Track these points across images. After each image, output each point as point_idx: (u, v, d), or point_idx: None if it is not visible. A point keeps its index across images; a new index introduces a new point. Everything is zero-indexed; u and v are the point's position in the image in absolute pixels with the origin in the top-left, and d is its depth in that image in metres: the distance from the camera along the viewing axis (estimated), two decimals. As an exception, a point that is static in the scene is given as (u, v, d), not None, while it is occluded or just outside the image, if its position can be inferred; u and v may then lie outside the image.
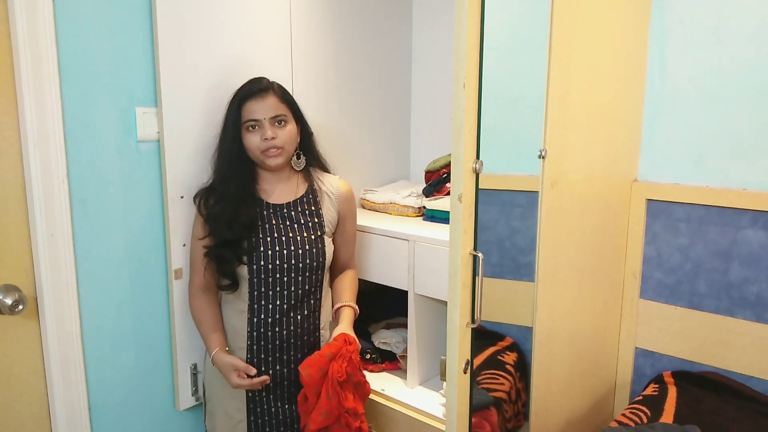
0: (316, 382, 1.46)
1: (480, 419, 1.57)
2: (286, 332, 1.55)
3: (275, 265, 1.52)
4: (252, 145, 1.52)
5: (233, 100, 1.53)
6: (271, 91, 1.52)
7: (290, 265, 1.53)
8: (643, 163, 1.96)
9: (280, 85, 1.57)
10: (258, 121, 1.50)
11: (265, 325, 1.54)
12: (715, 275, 1.84)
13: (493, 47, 1.14)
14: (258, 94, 1.50)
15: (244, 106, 1.51)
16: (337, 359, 1.48)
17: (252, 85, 1.52)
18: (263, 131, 1.50)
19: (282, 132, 1.52)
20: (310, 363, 1.47)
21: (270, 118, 1.50)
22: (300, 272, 1.55)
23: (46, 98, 1.36)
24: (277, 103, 1.52)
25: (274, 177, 1.60)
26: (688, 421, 1.63)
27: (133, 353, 1.60)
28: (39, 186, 1.37)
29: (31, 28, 1.32)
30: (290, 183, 1.62)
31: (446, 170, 1.93)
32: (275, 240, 1.53)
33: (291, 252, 1.54)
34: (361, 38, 2.14)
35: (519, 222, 1.79)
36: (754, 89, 1.73)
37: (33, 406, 1.46)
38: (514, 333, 1.88)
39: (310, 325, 1.59)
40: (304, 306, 1.58)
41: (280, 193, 1.60)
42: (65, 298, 1.44)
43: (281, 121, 1.52)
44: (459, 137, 1.10)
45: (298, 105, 1.59)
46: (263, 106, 1.50)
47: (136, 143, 1.54)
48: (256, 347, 1.54)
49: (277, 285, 1.53)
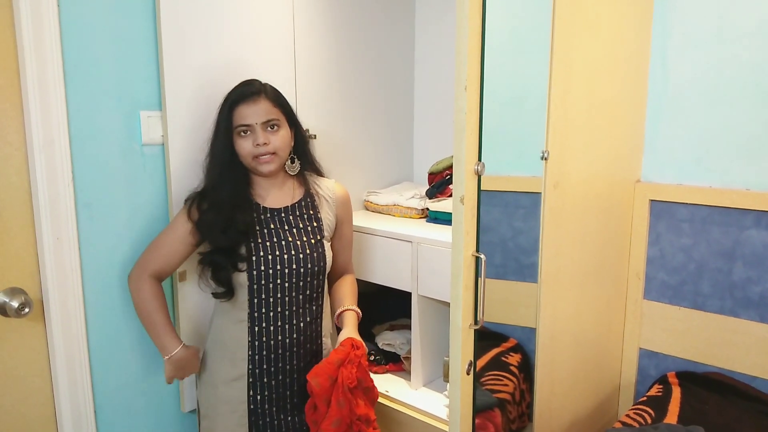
0: (325, 391, 1.40)
1: (484, 420, 1.57)
2: (288, 340, 1.51)
3: (275, 270, 1.48)
4: (244, 150, 1.47)
5: (224, 104, 1.48)
6: (263, 95, 1.47)
7: (291, 270, 1.49)
8: (646, 164, 1.96)
9: (273, 87, 1.52)
10: (250, 126, 1.45)
11: (267, 334, 1.49)
12: (719, 275, 1.84)
13: (494, 48, 1.14)
14: (249, 98, 1.45)
15: (235, 111, 1.46)
16: (345, 365, 1.42)
17: (243, 89, 1.48)
18: (255, 137, 1.45)
19: (275, 137, 1.47)
20: (318, 372, 1.42)
21: (262, 123, 1.45)
22: (301, 277, 1.51)
23: (51, 102, 1.37)
24: (270, 107, 1.47)
25: (267, 182, 1.55)
26: (693, 422, 1.63)
27: (139, 355, 1.61)
28: (44, 189, 1.38)
29: (36, 33, 1.33)
30: (285, 188, 1.58)
31: (449, 172, 1.93)
32: (274, 245, 1.49)
33: (291, 256, 1.50)
34: (364, 41, 2.14)
35: (522, 223, 1.80)
36: (757, 89, 1.72)
37: (39, 409, 1.47)
38: (518, 334, 1.88)
39: (312, 332, 1.56)
40: (306, 312, 1.54)
41: (276, 198, 1.56)
42: (71, 301, 1.45)
43: (274, 125, 1.47)
44: (461, 139, 1.10)
45: (291, 108, 1.55)
46: (255, 111, 1.45)
47: (141, 147, 1.55)
48: (258, 357, 1.49)
49: (278, 291, 1.49)
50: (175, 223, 1.49)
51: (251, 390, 1.50)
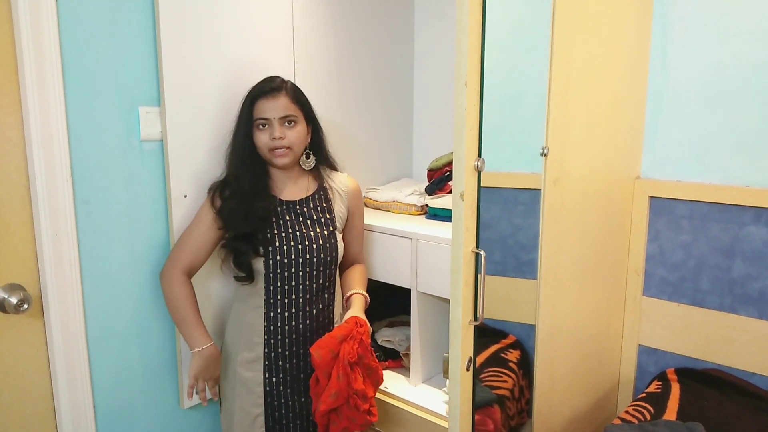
0: (326, 363, 1.48)
1: (483, 417, 1.57)
2: (302, 326, 1.59)
3: (291, 259, 1.55)
4: (261, 143, 1.55)
5: (246, 98, 1.56)
6: (283, 91, 1.55)
7: (305, 259, 1.57)
8: (646, 160, 1.96)
9: (293, 84, 1.60)
10: (268, 120, 1.53)
11: (282, 320, 1.57)
12: (718, 272, 1.84)
13: (494, 44, 1.14)
14: (270, 93, 1.53)
15: (255, 105, 1.54)
16: (348, 341, 1.50)
17: (265, 84, 1.56)
18: (272, 130, 1.53)
19: (291, 132, 1.55)
20: (320, 345, 1.50)
21: (279, 117, 1.53)
22: (315, 267, 1.59)
23: (49, 98, 1.36)
24: (288, 103, 1.55)
25: (284, 175, 1.63)
26: (692, 419, 1.63)
27: (138, 352, 1.61)
28: (43, 186, 1.38)
29: (34, 28, 1.33)
30: (300, 181, 1.66)
31: (449, 168, 1.93)
32: (290, 235, 1.57)
33: (306, 247, 1.57)
34: (363, 36, 2.14)
35: (521, 219, 1.79)
36: (757, 86, 1.72)
37: (38, 405, 1.47)
38: (517, 330, 1.88)
39: (324, 318, 1.64)
40: (319, 300, 1.62)
41: (292, 191, 1.64)
42: (70, 297, 1.45)
43: (291, 121, 1.55)
44: (461, 135, 1.10)
45: (310, 106, 1.62)
46: (274, 106, 1.53)
47: (140, 143, 1.55)
48: (273, 341, 1.57)
49: (293, 279, 1.57)
50: (199, 215, 1.57)
51: (267, 372, 1.58)
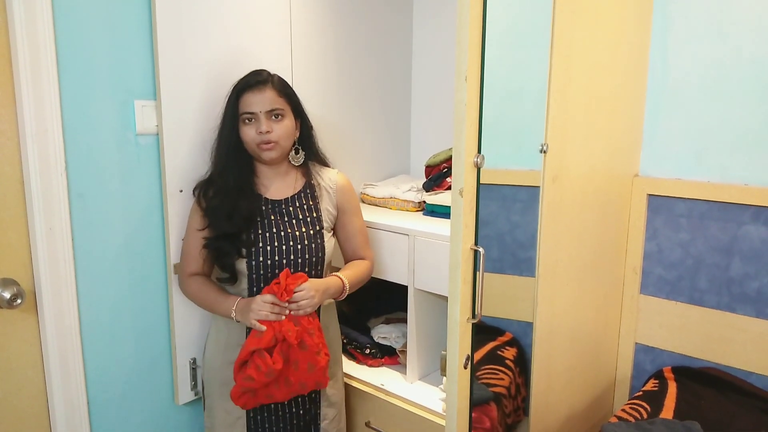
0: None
1: (480, 414, 1.57)
2: None
3: (274, 261, 1.50)
4: (248, 137, 1.50)
5: (232, 92, 1.52)
6: (269, 84, 1.50)
7: (289, 260, 1.51)
8: (645, 158, 1.95)
9: (280, 78, 1.55)
10: (254, 114, 1.49)
11: None
12: (716, 271, 1.84)
13: (494, 40, 1.13)
14: (256, 87, 1.49)
15: (241, 98, 1.50)
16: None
17: (250, 77, 1.51)
18: (259, 125, 1.48)
19: (278, 126, 1.50)
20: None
21: (266, 111, 1.48)
22: (300, 267, 1.53)
23: (44, 91, 1.35)
24: (275, 96, 1.50)
25: (271, 171, 1.58)
26: (688, 417, 1.63)
27: (132, 347, 1.60)
28: (37, 180, 1.36)
29: (29, 20, 1.31)
30: (288, 178, 1.60)
31: (446, 165, 1.92)
32: (274, 236, 1.51)
33: (290, 247, 1.52)
34: (362, 31, 2.13)
35: (520, 217, 1.79)
36: (757, 84, 1.72)
37: (32, 400, 1.46)
38: (514, 328, 1.88)
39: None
40: None
41: (278, 189, 1.58)
42: (64, 292, 1.44)
43: (278, 115, 1.50)
44: (461, 131, 1.09)
45: (298, 99, 1.58)
46: (260, 99, 1.48)
47: (135, 137, 1.53)
48: None
49: None
50: (190, 219, 1.55)
51: None
